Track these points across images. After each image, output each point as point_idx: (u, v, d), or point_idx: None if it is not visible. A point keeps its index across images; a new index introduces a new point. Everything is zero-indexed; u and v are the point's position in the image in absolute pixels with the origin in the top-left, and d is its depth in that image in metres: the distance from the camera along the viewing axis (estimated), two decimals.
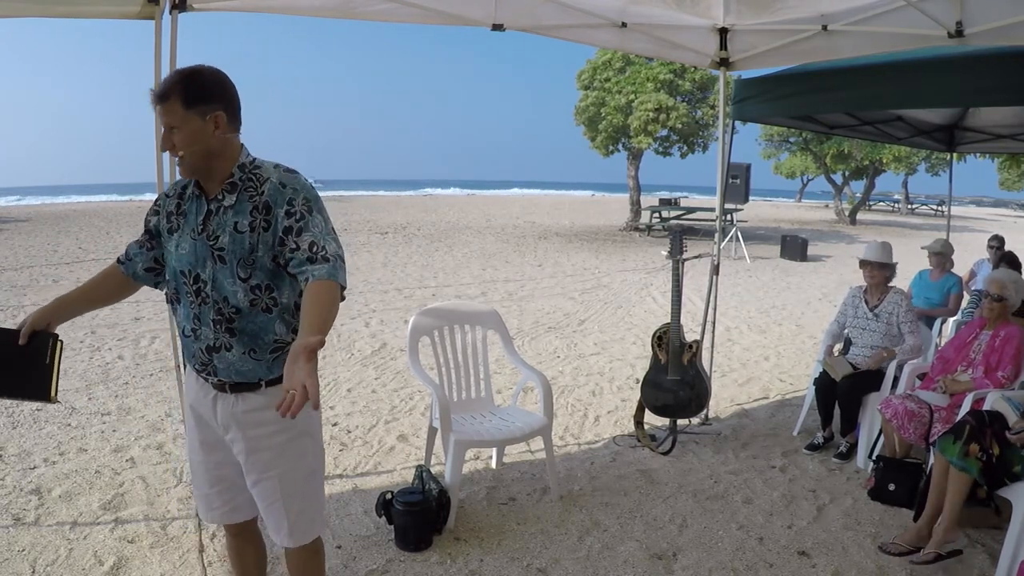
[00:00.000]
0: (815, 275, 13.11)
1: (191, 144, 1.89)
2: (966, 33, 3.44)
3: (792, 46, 4.32)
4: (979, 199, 55.80)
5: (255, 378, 2.00)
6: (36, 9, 3.05)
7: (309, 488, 2.15)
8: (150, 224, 2.11)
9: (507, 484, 3.85)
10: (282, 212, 1.90)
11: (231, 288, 1.93)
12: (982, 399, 3.50)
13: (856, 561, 3.12)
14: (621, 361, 6.57)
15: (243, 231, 1.91)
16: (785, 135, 26.15)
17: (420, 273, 11.84)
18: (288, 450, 2.07)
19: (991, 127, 6.49)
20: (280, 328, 1.98)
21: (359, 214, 25.03)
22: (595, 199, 44.15)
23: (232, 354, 1.97)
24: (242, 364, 1.98)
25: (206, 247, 1.94)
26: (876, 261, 4.43)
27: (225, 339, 1.96)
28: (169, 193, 2.07)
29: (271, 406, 1.93)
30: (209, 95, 1.90)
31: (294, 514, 2.11)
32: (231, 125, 1.95)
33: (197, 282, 1.95)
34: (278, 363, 1.99)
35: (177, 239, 2.00)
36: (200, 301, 1.96)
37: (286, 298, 1.96)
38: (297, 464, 2.10)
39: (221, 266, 1.93)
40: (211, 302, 1.95)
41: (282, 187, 1.92)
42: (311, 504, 2.16)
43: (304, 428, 2.09)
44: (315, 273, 1.82)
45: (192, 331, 2.00)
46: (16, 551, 3.01)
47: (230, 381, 2.01)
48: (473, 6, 3.85)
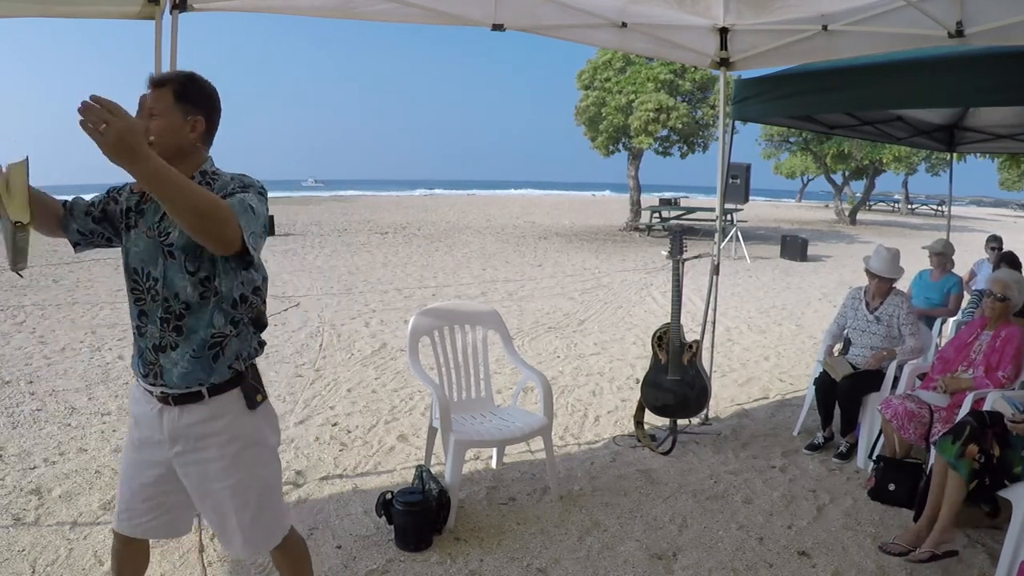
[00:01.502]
0: (815, 275, 13.11)
1: (164, 134, 1.93)
2: (966, 33, 3.43)
3: (792, 46, 4.32)
4: (979, 199, 55.82)
5: (196, 382, 1.99)
6: (36, 9, 3.05)
7: (262, 498, 2.12)
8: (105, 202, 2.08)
9: (507, 484, 3.85)
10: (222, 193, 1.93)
11: (181, 283, 1.95)
12: (982, 399, 3.50)
13: (856, 561, 3.12)
14: (621, 361, 6.57)
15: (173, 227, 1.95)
16: (785, 135, 26.15)
17: (420, 273, 11.84)
18: (239, 461, 2.06)
19: (991, 127, 6.48)
20: (219, 319, 1.99)
21: (359, 214, 25.05)
22: (595, 199, 44.15)
23: (177, 353, 1.97)
24: (186, 364, 1.97)
25: (157, 244, 1.96)
26: (883, 276, 4.41)
27: (171, 338, 1.97)
28: (134, 189, 2.05)
29: (216, 417, 2.01)
30: (199, 100, 1.99)
31: (246, 525, 2.10)
32: (205, 136, 2.03)
33: (148, 280, 1.98)
34: (221, 363, 2.00)
35: (134, 237, 2.02)
36: (150, 298, 1.98)
37: (225, 288, 1.99)
38: (248, 475, 2.08)
39: (171, 262, 1.95)
40: (160, 299, 1.96)
41: (231, 180, 1.99)
42: (265, 514, 2.14)
43: (254, 438, 2.09)
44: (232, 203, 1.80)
45: (138, 328, 2.02)
46: (16, 551, 3.01)
47: (174, 392, 2.00)
48: (473, 6, 3.84)
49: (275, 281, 10.54)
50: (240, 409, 2.06)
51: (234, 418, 2.05)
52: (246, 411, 2.07)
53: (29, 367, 5.81)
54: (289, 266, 12.12)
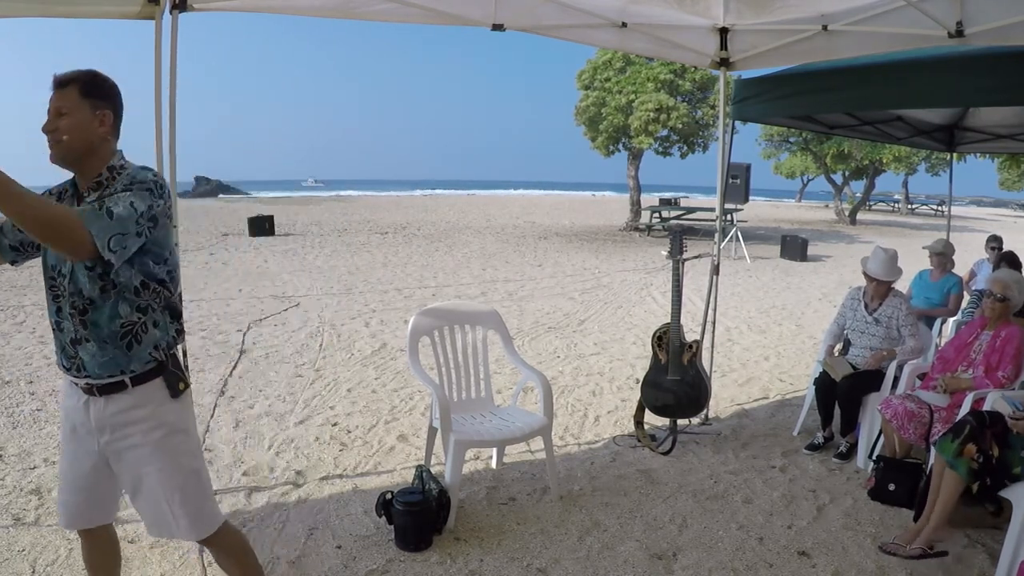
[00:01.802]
0: (815, 275, 13.11)
1: (74, 130, 1.98)
2: (966, 33, 3.43)
3: (792, 46, 4.32)
4: (979, 199, 55.83)
5: (118, 369, 2.04)
6: (36, 9, 3.05)
7: (192, 483, 2.18)
8: None
9: (507, 484, 3.85)
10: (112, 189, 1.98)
11: (83, 280, 2.01)
12: (982, 399, 3.50)
13: (856, 561, 3.12)
14: (621, 361, 6.56)
15: None
16: (785, 135, 26.14)
17: (420, 273, 11.84)
18: (163, 448, 2.12)
19: (991, 127, 6.48)
20: (124, 309, 2.03)
21: (359, 214, 25.05)
22: (595, 199, 44.15)
23: (92, 345, 2.03)
24: (102, 355, 2.03)
25: None
26: (881, 279, 4.41)
27: (83, 332, 2.03)
28: (51, 191, 2.11)
29: (140, 405, 2.07)
30: (105, 94, 2.04)
31: (179, 508, 2.15)
32: (113, 129, 2.07)
33: (60, 276, 2.04)
34: (138, 352, 2.06)
35: None
36: (63, 294, 2.04)
37: (124, 278, 2.02)
38: (174, 462, 2.14)
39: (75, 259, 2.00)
40: (67, 295, 2.03)
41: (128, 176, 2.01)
42: (198, 499, 2.20)
43: (177, 426, 2.15)
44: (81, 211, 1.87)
45: (56, 324, 2.08)
46: (16, 551, 3.02)
47: (98, 383, 2.05)
48: (473, 6, 3.85)
49: (275, 281, 10.54)
50: (163, 397, 2.12)
51: (157, 406, 2.11)
52: (169, 399, 2.13)
53: (29, 367, 5.81)
54: (289, 266, 12.12)
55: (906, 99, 4.26)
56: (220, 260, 12.68)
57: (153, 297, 2.08)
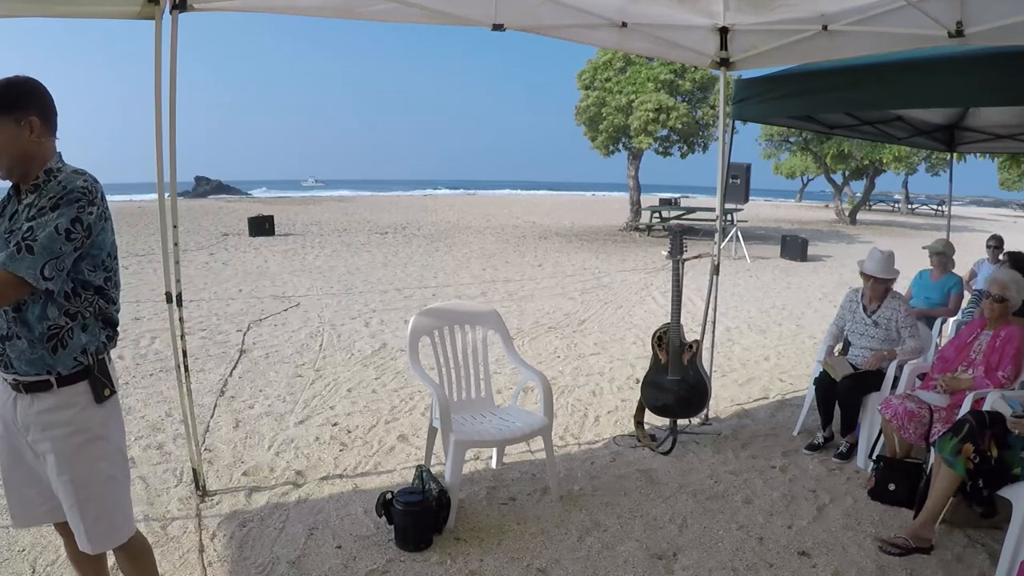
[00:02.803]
0: (815, 275, 13.11)
1: (8, 148, 2.00)
2: (966, 33, 3.43)
3: (792, 46, 4.31)
4: (979, 199, 55.86)
5: (43, 369, 2.05)
6: (36, 9, 3.05)
7: (106, 493, 2.15)
8: None
9: (507, 484, 3.85)
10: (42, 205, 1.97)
11: None
12: (982, 399, 3.50)
13: (856, 561, 3.12)
14: (621, 361, 6.56)
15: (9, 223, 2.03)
16: (785, 135, 26.14)
17: (420, 273, 11.83)
18: (82, 453, 2.10)
19: (991, 127, 6.48)
20: (52, 312, 2.04)
21: (359, 214, 25.05)
22: (595, 199, 44.15)
23: (21, 343, 2.03)
24: (30, 352, 2.03)
25: (3, 242, 2.01)
26: (878, 277, 4.41)
27: (15, 328, 2.03)
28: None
29: (64, 407, 2.06)
30: (24, 102, 2.01)
31: (90, 519, 2.13)
32: (45, 128, 2.05)
33: None
34: (63, 355, 2.06)
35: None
36: None
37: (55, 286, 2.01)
38: (91, 468, 2.11)
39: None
40: None
41: (58, 183, 2.01)
42: (109, 510, 2.17)
43: (98, 432, 2.13)
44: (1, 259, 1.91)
45: None
46: (16, 551, 3.02)
47: (24, 380, 2.06)
48: (473, 6, 3.85)
49: (275, 281, 10.54)
50: (87, 401, 2.11)
51: (81, 410, 2.10)
52: (93, 404, 2.12)
53: None
54: (289, 266, 12.12)
55: (907, 99, 4.25)
56: (220, 260, 12.68)
57: (84, 304, 2.09)
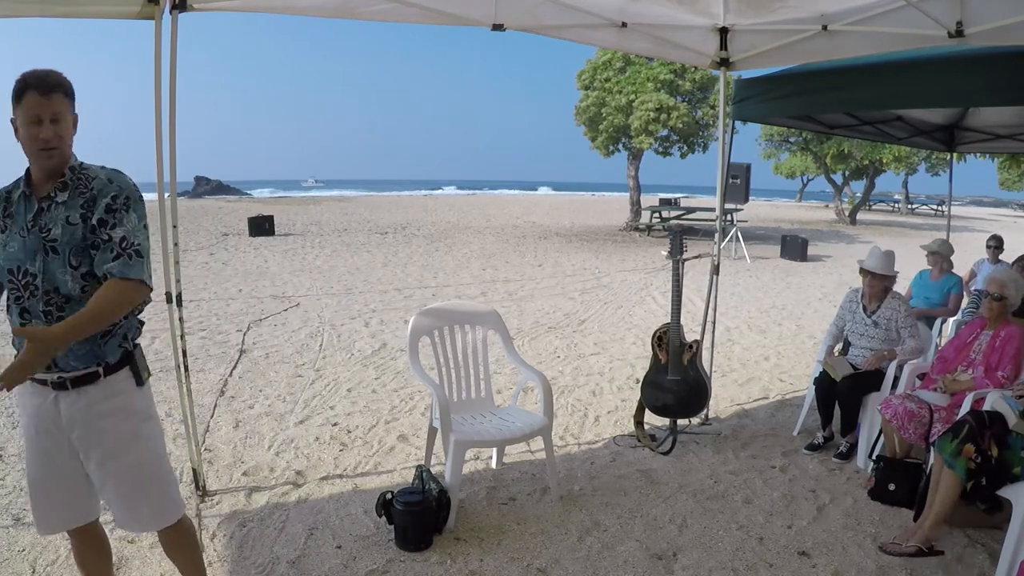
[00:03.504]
0: (815, 275, 13.11)
1: (68, 137, 2.02)
2: (966, 33, 3.43)
3: (792, 46, 4.32)
4: (979, 199, 55.86)
5: (93, 361, 2.07)
6: (36, 9, 3.05)
7: (163, 469, 2.26)
8: None
9: (507, 484, 3.85)
10: (104, 203, 2.03)
11: (62, 277, 2.02)
12: (982, 399, 3.50)
13: (856, 561, 3.12)
14: (621, 361, 6.56)
15: (75, 223, 2.03)
16: (785, 135, 26.12)
17: (420, 273, 11.83)
18: (139, 435, 2.18)
19: (991, 127, 6.48)
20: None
21: (359, 214, 25.04)
22: (595, 199, 44.14)
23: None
24: (81, 347, 2.04)
25: (38, 240, 2.02)
26: (877, 272, 4.41)
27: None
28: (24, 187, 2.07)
29: (112, 395, 2.10)
30: (74, 97, 2.06)
31: (154, 497, 2.22)
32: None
33: (25, 276, 2.03)
34: (111, 344, 2.11)
35: (4, 239, 2.06)
36: (28, 294, 2.03)
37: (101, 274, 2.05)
38: (148, 447, 2.20)
39: (53, 257, 2.02)
40: (40, 293, 2.03)
41: (109, 182, 2.07)
42: (168, 484, 2.28)
43: (147, 412, 2.22)
44: (112, 271, 2.00)
45: (22, 325, 2.05)
46: (16, 551, 3.02)
47: (70, 376, 2.06)
48: (473, 6, 3.85)
49: (275, 281, 10.54)
50: (131, 386, 2.17)
51: (128, 395, 2.16)
52: (136, 388, 2.18)
53: None
54: (289, 266, 12.12)
55: (906, 99, 4.26)
56: (220, 260, 12.67)
57: None
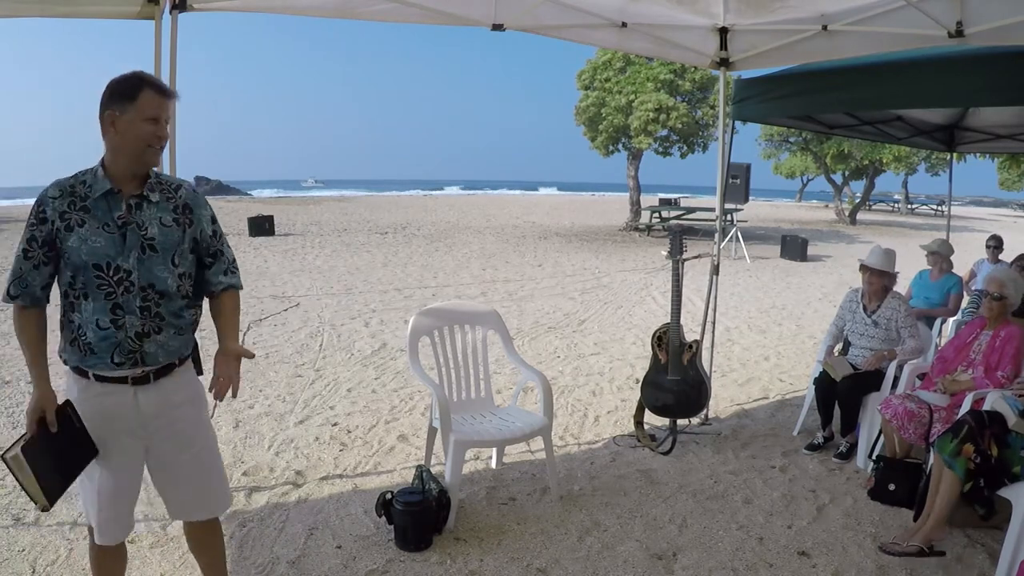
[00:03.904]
0: (815, 275, 13.11)
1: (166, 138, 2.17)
2: (966, 33, 3.43)
3: (792, 46, 4.32)
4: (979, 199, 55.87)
5: (177, 355, 2.18)
6: (36, 9, 3.05)
7: (219, 455, 2.39)
8: (42, 235, 2.04)
9: (507, 484, 3.85)
10: (206, 216, 2.22)
11: (161, 275, 2.10)
12: (982, 399, 3.50)
13: (856, 561, 3.12)
14: (621, 361, 6.56)
15: (168, 225, 2.12)
16: (785, 135, 26.13)
17: (420, 273, 11.83)
18: (202, 420, 2.31)
19: (991, 127, 6.48)
20: (195, 311, 2.25)
21: (359, 214, 25.04)
22: (595, 199, 44.15)
23: (162, 336, 2.13)
24: (171, 343, 2.15)
25: (136, 237, 2.07)
26: (877, 268, 4.40)
27: (153, 323, 2.10)
28: (53, 195, 2.04)
29: (184, 383, 2.24)
30: None
31: (216, 480, 2.34)
32: None
33: (118, 272, 2.05)
34: (190, 337, 2.25)
35: (84, 234, 2.04)
36: (123, 290, 2.05)
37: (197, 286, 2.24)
38: (210, 432, 2.35)
39: (151, 255, 2.09)
40: (136, 289, 2.07)
41: (195, 193, 2.23)
42: (223, 469, 2.42)
43: (205, 399, 2.33)
44: (230, 282, 2.26)
45: (112, 322, 2.06)
46: (16, 551, 3.02)
47: (155, 367, 2.13)
48: (473, 6, 3.85)
49: (275, 281, 10.54)
50: (194, 375, 2.30)
51: (194, 383, 2.29)
52: (196, 377, 2.31)
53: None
54: (289, 266, 12.11)
55: (906, 99, 4.26)
56: None
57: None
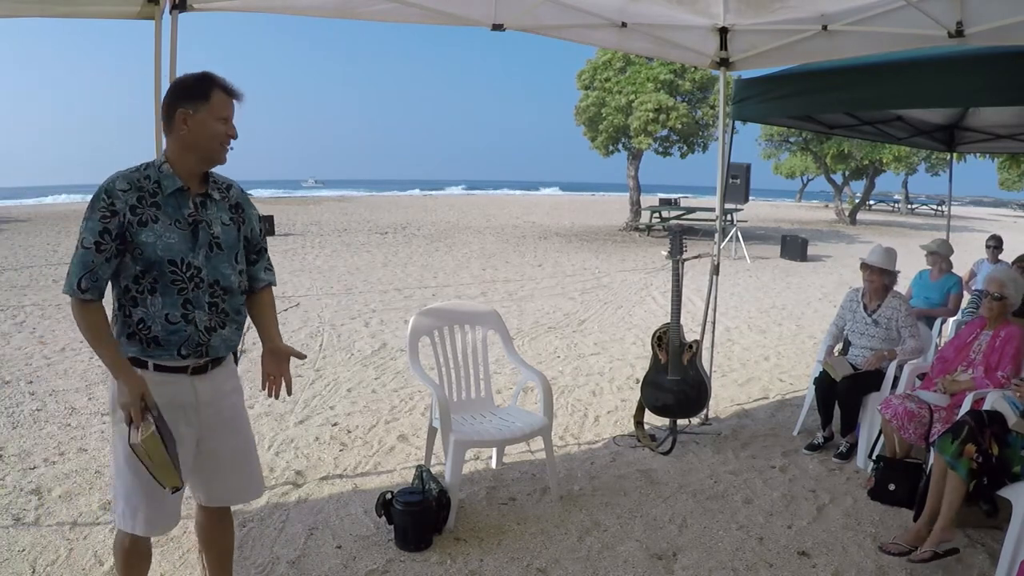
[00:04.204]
0: (815, 275, 13.11)
1: None
2: (966, 33, 3.43)
3: (792, 46, 4.32)
4: (979, 199, 55.86)
5: (233, 348, 2.29)
6: (36, 9, 3.05)
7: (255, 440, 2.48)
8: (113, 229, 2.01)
9: (507, 484, 3.85)
10: (254, 215, 2.32)
11: (226, 272, 2.17)
12: (982, 399, 3.50)
13: (856, 561, 3.12)
14: (621, 361, 6.56)
15: (227, 224, 2.20)
16: (785, 135, 26.13)
17: (420, 273, 11.84)
18: (243, 407, 2.39)
19: (991, 127, 6.48)
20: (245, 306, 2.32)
21: (359, 214, 25.04)
22: (595, 199, 44.14)
23: (226, 330, 2.21)
24: (232, 337, 2.24)
25: (206, 235, 2.13)
26: (877, 266, 4.40)
27: (219, 318, 2.17)
28: (123, 188, 2.02)
29: (231, 373, 2.32)
30: None
31: (256, 466, 2.43)
32: None
33: (189, 268, 2.09)
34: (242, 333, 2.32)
35: (158, 230, 2.05)
36: (194, 286, 2.10)
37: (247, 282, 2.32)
38: (247, 419, 2.42)
39: (217, 252, 2.15)
40: (204, 286, 2.13)
41: (243, 192, 2.31)
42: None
43: (242, 388, 2.41)
44: (269, 279, 2.39)
45: (183, 316, 2.09)
46: (16, 551, 3.01)
47: (215, 357, 2.21)
48: (473, 6, 3.85)
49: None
50: (234, 365, 2.37)
51: (236, 372, 2.37)
52: (235, 366, 2.38)
53: (29, 367, 5.81)
54: (289, 266, 12.11)
55: (906, 99, 4.26)
56: None
57: None
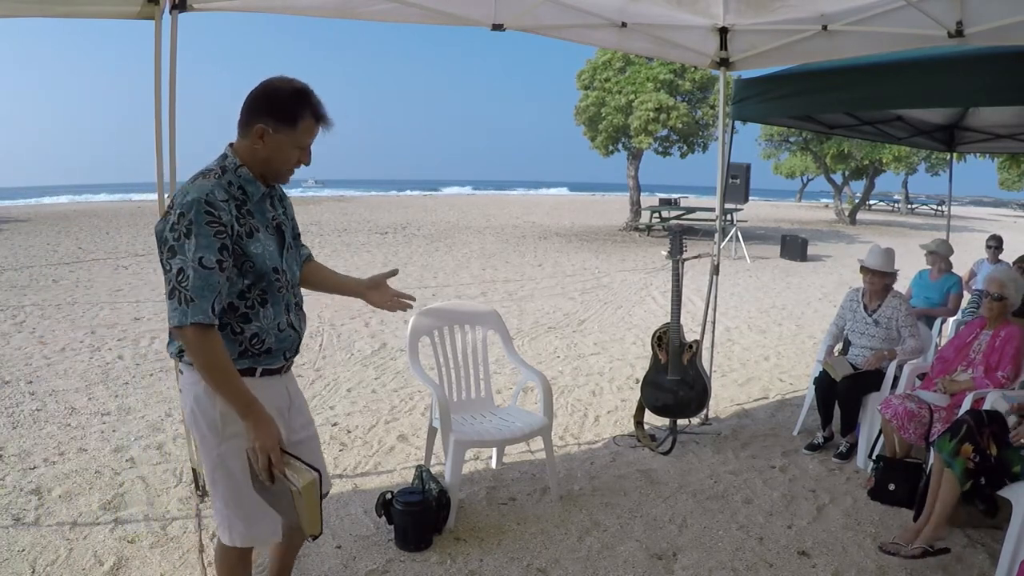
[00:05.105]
0: (815, 275, 13.11)
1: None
2: (966, 33, 3.43)
3: (792, 46, 4.31)
4: (979, 199, 55.85)
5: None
6: (36, 9, 3.05)
7: None
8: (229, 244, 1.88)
9: (507, 484, 3.85)
10: (291, 205, 2.24)
11: (294, 268, 2.16)
12: (982, 399, 3.50)
13: (856, 561, 3.12)
14: (621, 361, 6.56)
15: (289, 219, 2.20)
16: (785, 135, 26.12)
17: (420, 273, 11.83)
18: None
19: (991, 127, 6.48)
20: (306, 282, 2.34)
21: (359, 214, 25.04)
22: (595, 199, 44.14)
23: (304, 326, 2.20)
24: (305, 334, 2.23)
25: (285, 236, 2.12)
26: (877, 269, 4.41)
27: (301, 314, 2.17)
28: (223, 198, 1.89)
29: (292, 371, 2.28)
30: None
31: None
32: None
33: (284, 273, 2.06)
34: None
35: (262, 239, 1.99)
36: (287, 289, 2.09)
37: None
38: None
39: (291, 250, 2.15)
40: (291, 288, 2.11)
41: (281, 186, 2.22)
42: None
43: None
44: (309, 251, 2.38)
45: (290, 323, 2.08)
46: (16, 551, 3.01)
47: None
48: (473, 6, 3.85)
49: None
50: None
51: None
52: None
53: (29, 367, 5.81)
54: None
55: (906, 99, 4.26)
56: None
57: None
